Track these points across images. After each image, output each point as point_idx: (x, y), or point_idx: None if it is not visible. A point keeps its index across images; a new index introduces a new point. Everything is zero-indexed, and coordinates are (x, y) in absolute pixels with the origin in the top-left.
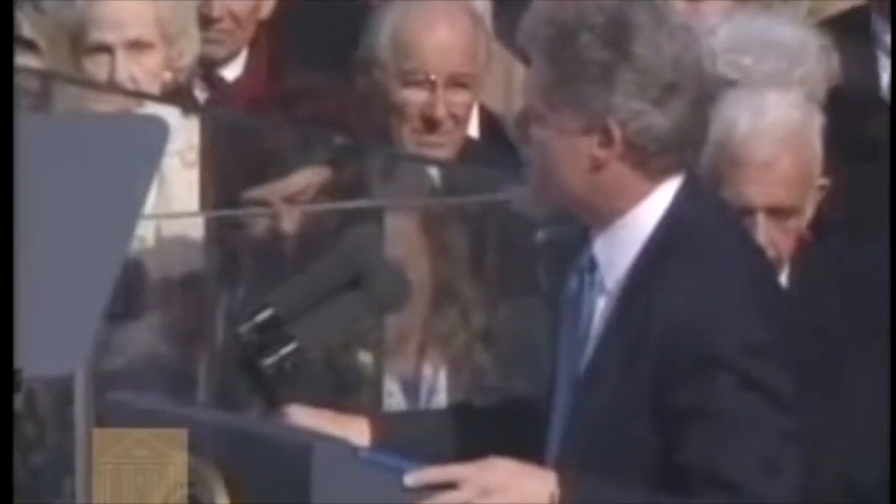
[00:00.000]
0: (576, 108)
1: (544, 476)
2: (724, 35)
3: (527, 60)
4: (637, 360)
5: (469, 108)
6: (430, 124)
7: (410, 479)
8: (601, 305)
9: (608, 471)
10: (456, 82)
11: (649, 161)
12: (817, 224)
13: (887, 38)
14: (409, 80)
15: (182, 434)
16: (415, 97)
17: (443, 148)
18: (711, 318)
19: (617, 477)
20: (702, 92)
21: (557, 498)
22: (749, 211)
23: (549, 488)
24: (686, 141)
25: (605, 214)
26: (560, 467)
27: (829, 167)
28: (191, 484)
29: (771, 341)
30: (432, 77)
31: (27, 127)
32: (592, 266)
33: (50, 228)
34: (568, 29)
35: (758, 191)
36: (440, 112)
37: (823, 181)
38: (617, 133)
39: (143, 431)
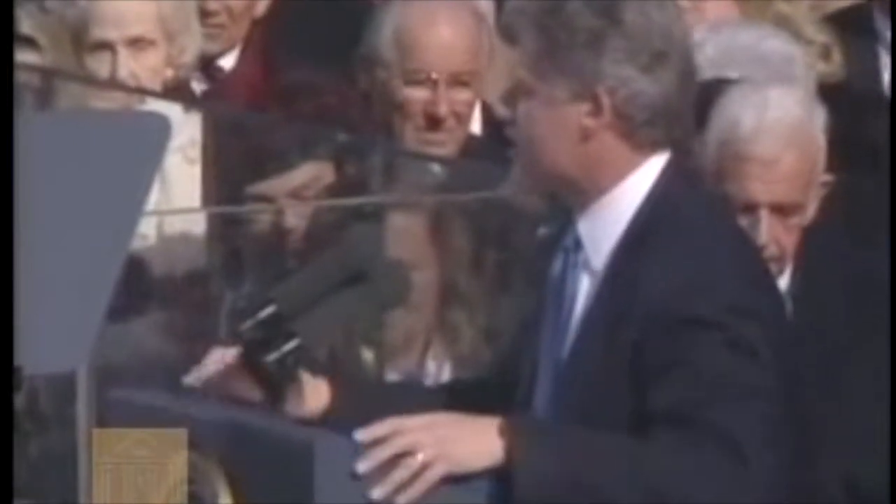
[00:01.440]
0: (565, 75)
1: (489, 422)
2: (710, 49)
3: (513, 39)
4: (620, 332)
5: (471, 106)
6: (433, 122)
7: (361, 434)
8: (586, 284)
9: None
10: (458, 81)
11: (636, 132)
12: (820, 222)
13: (889, 35)
14: (411, 79)
15: (182, 434)
16: (417, 96)
17: (445, 146)
18: (694, 285)
19: None
20: (689, 65)
21: (507, 433)
22: (752, 207)
23: (498, 424)
24: (673, 113)
25: (590, 191)
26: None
27: (832, 164)
28: (192, 481)
29: (752, 306)
30: (434, 76)
31: (29, 124)
32: (577, 246)
33: (51, 225)
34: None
35: (761, 187)
36: (443, 110)
37: (826, 178)
38: (606, 101)
39: (144, 431)
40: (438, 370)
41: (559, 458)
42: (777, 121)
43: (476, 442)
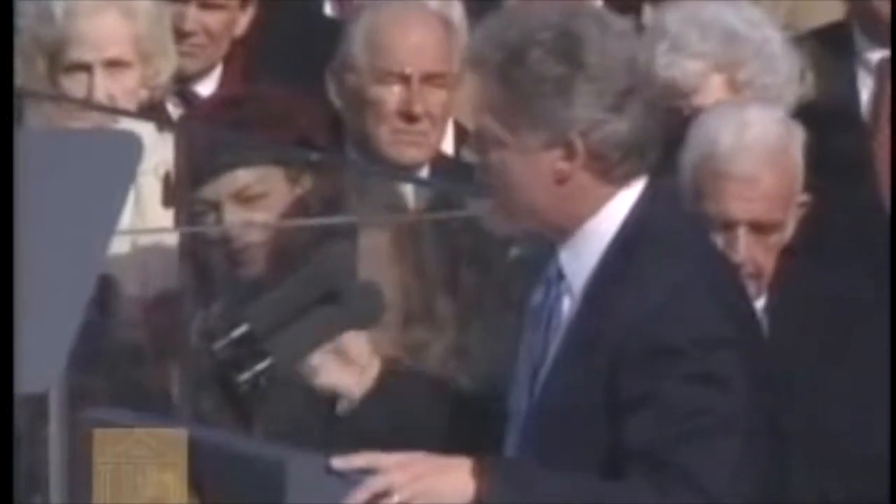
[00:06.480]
0: (536, 126)
1: (462, 461)
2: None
3: (477, 87)
4: (593, 356)
5: (445, 108)
6: (408, 119)
7: (336, 462)
8: (566, 313)
9: (567, 470)
10: (431, 81)
11: (612, 168)
12: (797, 241)
13: (869, 55)
14: (384, 79)
15: (182, 434)
16: (391, 94)
17: (419, 149)
18: (666, 314)
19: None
20: (654, 91)
21: (479, 473)
22: (731, 226)
23: (470, 464)
24: (645, 143)
25: (568, 225)
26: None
27: (810, 184)
28: (164, 499)
29: (726, 336)
30: (408, 71)
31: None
32: (560, 276)
33: (23, 244)
34: (516, 48)
35: (740, 206)
36: (418, 108)
37: (804, 198)
38: (580, 145)
39: (143, 431)
40: None
41: (527, 500)
42: (756, 139)
43: (449, 481)
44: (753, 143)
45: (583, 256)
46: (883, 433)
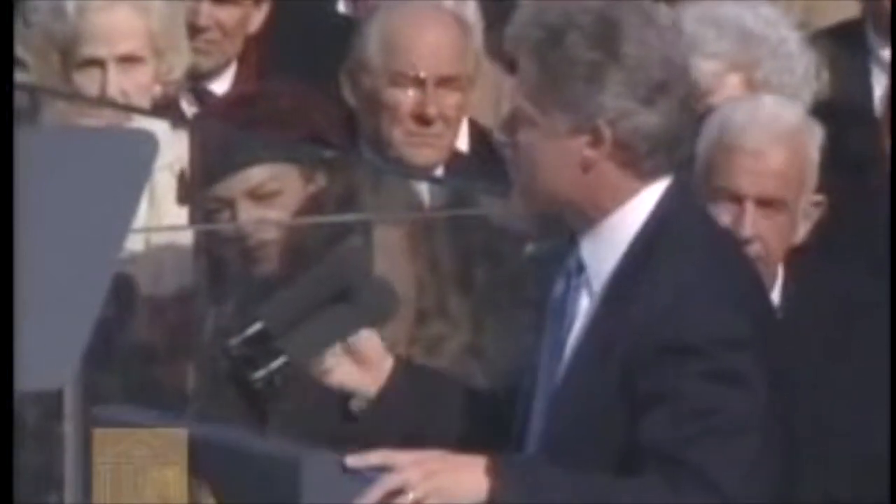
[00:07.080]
0: (566, 108)
1: (476, 460)
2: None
3: (513, 65)
4: (611, 356)
5: (460, 110)
6: (422, 122)
7: (350, 460)
8: (586, 306)
9: (584, 468)
10: (446, 83)
11: (639, 161)
12: (811, 241)
13: (883, 52)
14: (399, 81)
15: (182, 434)
16: (405, 97)
17: (433, 150)
18: (681, 312)
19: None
20: (690, 90)
21: (493, 472)
22: (738, 199)
23: (485, 462)
24: (675, 140)
25: (592, 215)
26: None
27: (823, 180)
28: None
29: (744, 336)
30: (422, 75)
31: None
32: (580, 268)
33: (38, 242)
34: (555, 30)
35: (748, 179)
36: (432, 111)
37: (819, 198)
38: (607, 133)
39: (144, 431)
40: None
41: (542, 499)
42: (769, 117)
43: (463, 480)
44: (766, 120)
45: (604, 250)
46: (884, 433)
